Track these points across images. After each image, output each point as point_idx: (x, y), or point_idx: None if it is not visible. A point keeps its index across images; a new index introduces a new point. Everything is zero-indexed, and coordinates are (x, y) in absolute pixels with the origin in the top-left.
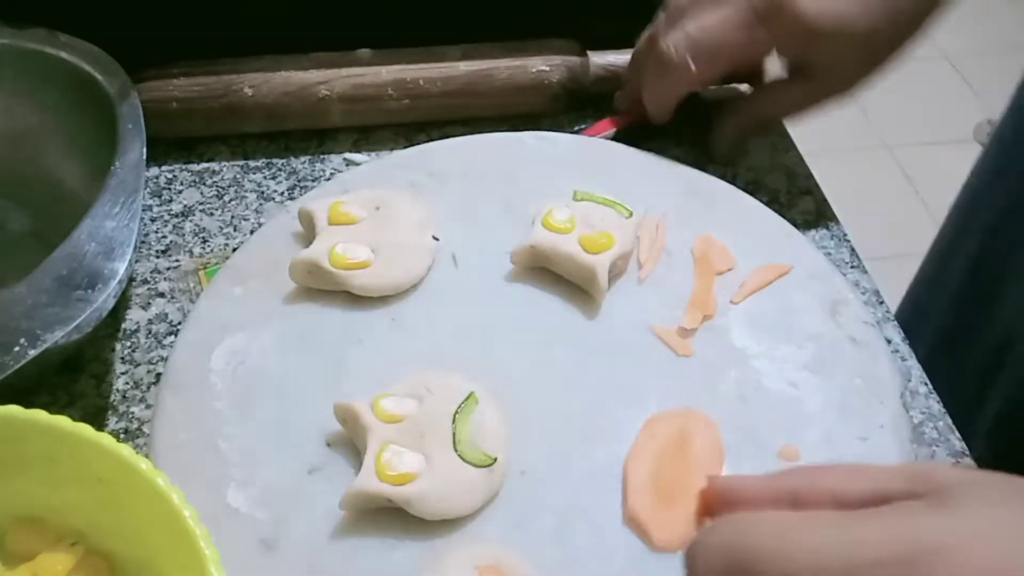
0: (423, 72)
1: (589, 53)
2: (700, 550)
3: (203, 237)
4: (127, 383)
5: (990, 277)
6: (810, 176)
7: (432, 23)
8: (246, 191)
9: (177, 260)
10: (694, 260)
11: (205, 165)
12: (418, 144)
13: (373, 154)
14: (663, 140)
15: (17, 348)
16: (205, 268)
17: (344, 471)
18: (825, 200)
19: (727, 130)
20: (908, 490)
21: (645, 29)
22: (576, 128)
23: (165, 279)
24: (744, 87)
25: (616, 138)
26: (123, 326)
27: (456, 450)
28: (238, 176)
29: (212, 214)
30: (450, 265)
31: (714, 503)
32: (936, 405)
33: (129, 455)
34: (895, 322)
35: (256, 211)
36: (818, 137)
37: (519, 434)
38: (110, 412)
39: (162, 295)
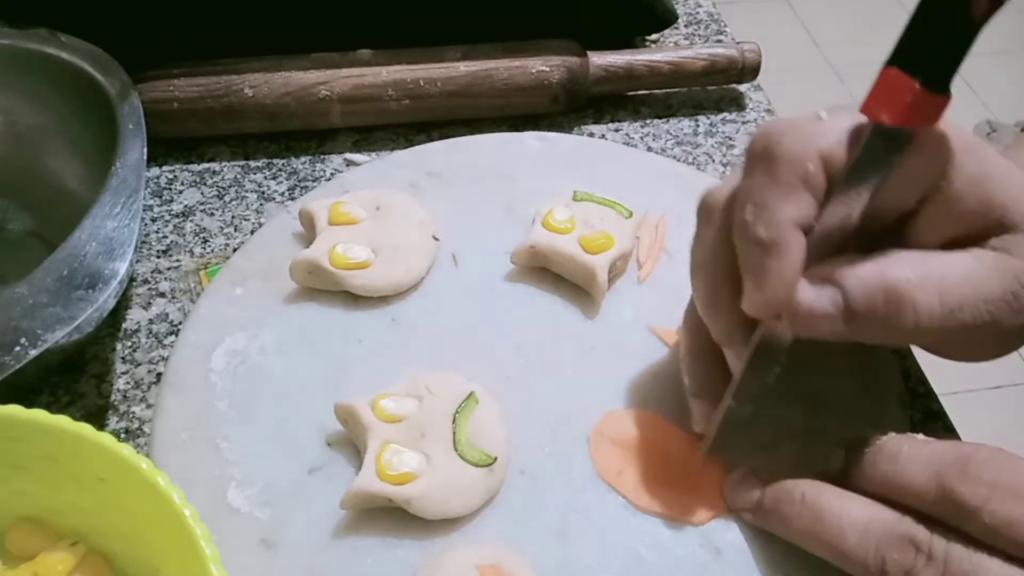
0: (423, 73)
1: (589, 54)
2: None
3: (204, 237)
4: (128, 383)
5: None
6: None
7: (432, 24)
8: (247, 191)
9: (178, 260)
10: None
11: (206, 165)
12: (418, 144)
13: (373, 154)
14: (664, 141)
15: (18, 348)
16: (206, 268)
17: (344, 471)
18: None
19: None
20: None
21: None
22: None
23: (166, 279)
24: None
25: None
26: (124, 326)
27: (456, 450)
28: (239, 176)
29: (213, 214)
30: (450, 265)
31: None
32: (936, 405)
33: (130, 455)
34: None
35: (256, 211)
36: None
37: (519, 434)
38: (111, 412)
39: (163, 295)
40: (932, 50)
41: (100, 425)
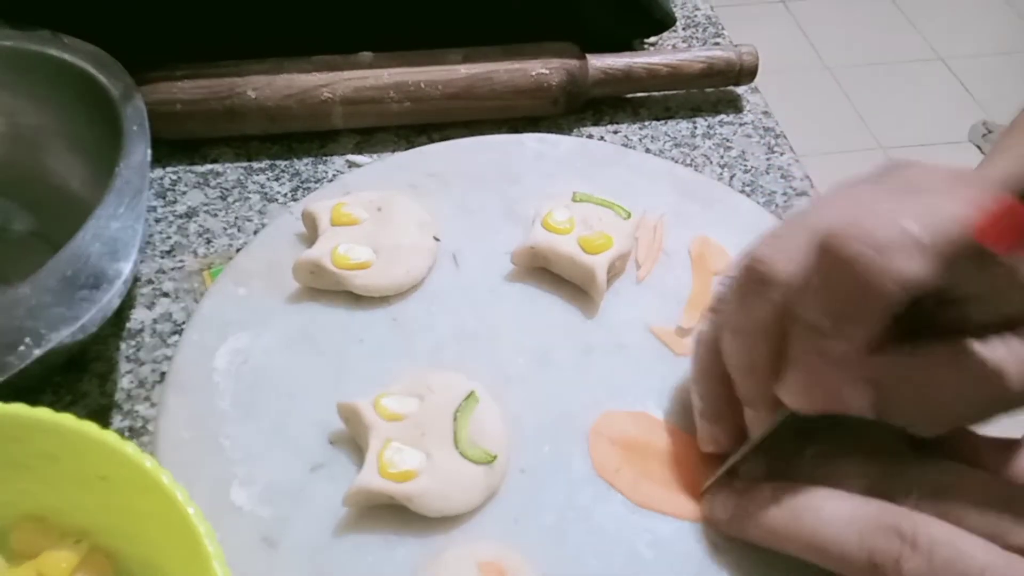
0: (424, 75)
1: (588, 56)
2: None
3: (207, 238)
4: (131, 382)
5: None
6: (806, 178)
7: (433, 26)
8: (250, 192)
9: (181, 260)
10: (692, 260)
11: (209, 167)
12: (419, 146)
13: (375, 156)
14: (662, 143)
15: (22, 348)
16: (209, 268)
17: (346, 469)
18: None
19: None
20: None
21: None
22: None
23: (169, 279)
24: None
25: None
26: (128, 326)
27: (457, 448)
28: (242, 177)
29: (216, 215)
30: (451, 265)
31: None
32: None
33: (133, 453)
34: None
35: (259, 212)
36: (814, 139)
37: (519, 433)
38: (114, 410)
39: (166, 295)
40: None
41: (104, 424)
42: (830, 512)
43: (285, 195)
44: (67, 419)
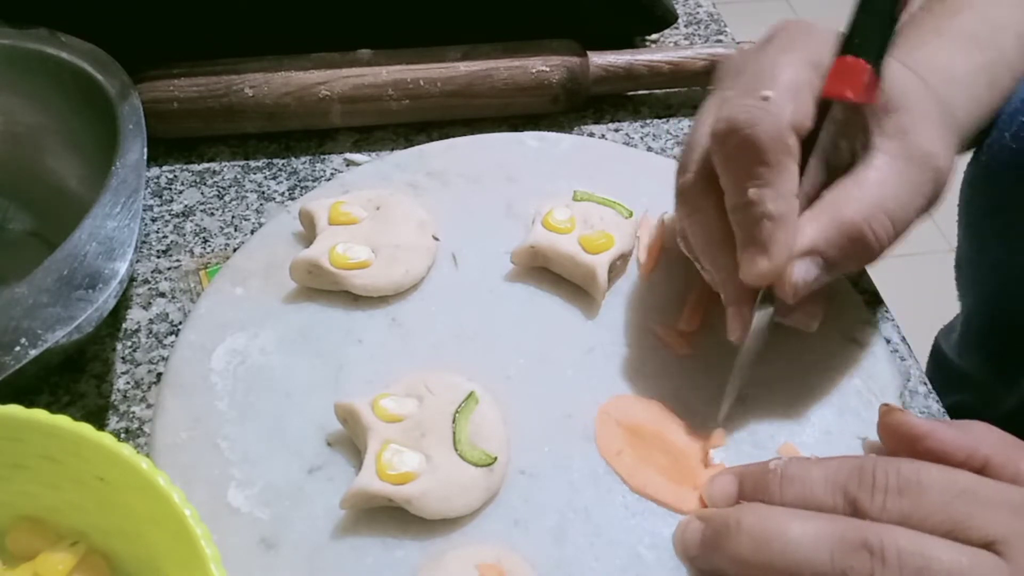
0: (423, 72)
1: (589, 53)
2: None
3: (204, 237)
4: (128, 383)
5: None
6: None
7: (432, 24)
8: (247, 191)
9: (178, 260)
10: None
11: (206, 165)
12: (418, 144)
13: (373, 154)
14: (664, 141)
15: (18, 348)
16: (206, 268)
17: (344, 470)
18: None
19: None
20: None
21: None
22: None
23: (166, 279)
24: None
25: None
26: (124, 326)
27: (456, 449)
28: (239, 176)
29: (213, 214)
30: (450, 265)
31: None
32: (935, 404)
33: (130, 454)
34: (895, 322)
35: (257, 211)
36: None
37: (519, 434)
38: (111, 412)
39: (163, 295)
40: (878, 40)
41: (100, 425)
42: (797, 534)
43: (282, 194)
44: (63, 421)
